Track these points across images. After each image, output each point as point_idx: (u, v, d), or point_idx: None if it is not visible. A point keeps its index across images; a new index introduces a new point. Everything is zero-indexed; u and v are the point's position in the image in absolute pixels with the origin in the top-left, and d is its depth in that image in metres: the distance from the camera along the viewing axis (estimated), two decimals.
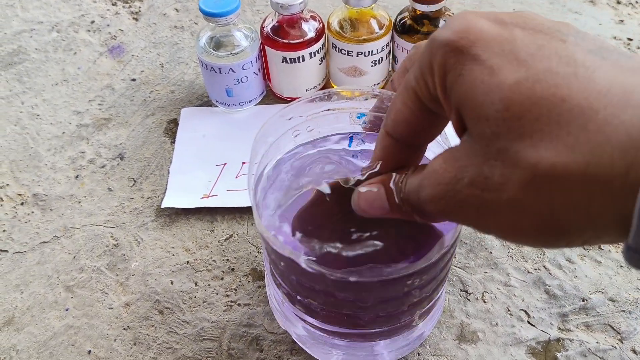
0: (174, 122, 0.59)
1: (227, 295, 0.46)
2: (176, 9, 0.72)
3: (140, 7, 0.72)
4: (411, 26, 0.55)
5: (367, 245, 0.31)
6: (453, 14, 0.56)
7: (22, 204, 0.53)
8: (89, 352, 0.44)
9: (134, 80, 0.64)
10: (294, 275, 0.34)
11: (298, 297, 0.36)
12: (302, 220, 0.33)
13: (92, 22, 0.71)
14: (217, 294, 0.47)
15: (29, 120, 0.60)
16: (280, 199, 0.37)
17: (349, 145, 0.41)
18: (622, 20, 0.66)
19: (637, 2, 0.68)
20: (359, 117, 0.41)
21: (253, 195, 0.35)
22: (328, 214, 0.33)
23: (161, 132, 0.58)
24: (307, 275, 0.33)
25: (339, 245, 0.31)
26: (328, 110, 0.40)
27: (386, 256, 0.31)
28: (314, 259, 0.31)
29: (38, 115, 0.61)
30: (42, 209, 0.53)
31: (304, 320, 0.39)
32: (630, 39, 0.64)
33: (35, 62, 0.66)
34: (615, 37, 0.64)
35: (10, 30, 0.70)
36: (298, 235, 0.33)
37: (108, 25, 0.70)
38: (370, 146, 0.41)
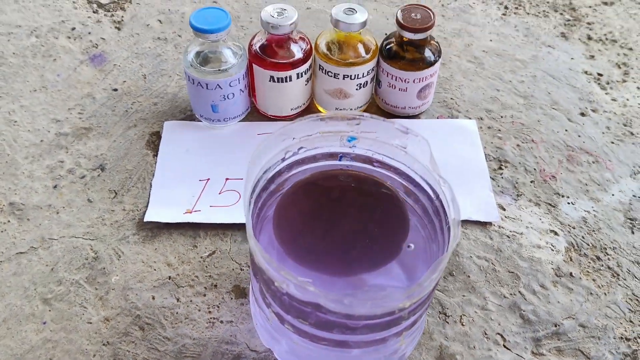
0: (157, 135, 0.59)
1: (210, 312, 0.46)
2: (159, 20, 0.71)
3: (122, 17, 0.72)
4: (396, 52, 0.56)
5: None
6: (437, 42, 0.58)
7: None
8: None
9: (115, 90, 0.63)
10: (286, 295, 0.35)
11: (288, 317, 0.37)
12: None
13: (73, 28, 0.70)
14: (199, 310, 0.46)
15: (5, 127, 0.59)
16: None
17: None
18: (592, 56, 0.69)
19: (607, 39, 0.72)
20: (349, 141, 0.42)
21: (249, 214, 0.36)
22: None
23: (143, 145, 0.58)
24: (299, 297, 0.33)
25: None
26: (320, 132, 0.41)
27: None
28: (310, 280, 0.32)
29: (15, 121, 0.60)
30: (18, 218, 0.52)
31: (291, 340, 0.39)
32: (600, 74, 0.67)
33: (13, 66, 0.65)
34: (586, 72, 0.67)
35: None
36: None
37: (89, 32, 0.69)
38: (359, 165, 0.42)
